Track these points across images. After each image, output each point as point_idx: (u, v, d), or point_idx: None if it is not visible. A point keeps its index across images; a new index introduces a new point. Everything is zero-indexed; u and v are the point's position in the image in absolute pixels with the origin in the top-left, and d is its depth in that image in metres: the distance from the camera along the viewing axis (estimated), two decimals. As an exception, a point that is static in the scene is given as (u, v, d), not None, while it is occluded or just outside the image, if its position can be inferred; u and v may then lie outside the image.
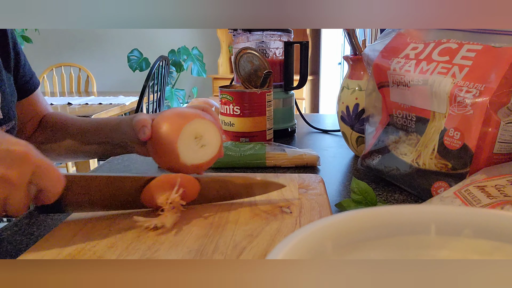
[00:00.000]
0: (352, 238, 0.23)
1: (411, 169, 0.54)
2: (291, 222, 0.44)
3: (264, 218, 0.45)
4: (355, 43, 0.73)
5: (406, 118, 0.56)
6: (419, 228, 0.24)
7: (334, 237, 0.23)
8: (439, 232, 0.24)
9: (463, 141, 0.46)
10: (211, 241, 0.40)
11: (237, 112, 0.76)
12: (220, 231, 0.42)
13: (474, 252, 0.24)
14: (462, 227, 0.24)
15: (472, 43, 0.48)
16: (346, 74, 0.76)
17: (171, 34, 3.75)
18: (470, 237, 0.24)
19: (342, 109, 0.74)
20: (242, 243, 0.39)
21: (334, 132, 0.99)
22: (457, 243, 0.24)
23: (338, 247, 0.23)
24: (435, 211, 0.25)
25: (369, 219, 0.24)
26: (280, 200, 0.50)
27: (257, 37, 0.91)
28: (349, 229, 0.23)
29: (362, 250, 0.24)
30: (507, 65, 0.43)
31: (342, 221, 0.23)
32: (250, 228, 0.43)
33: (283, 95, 0.93)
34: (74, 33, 3.80)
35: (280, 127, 0.92)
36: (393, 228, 0.24)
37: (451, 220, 0.24)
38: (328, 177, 0.65)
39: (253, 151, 0.70)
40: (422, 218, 0.24)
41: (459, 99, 0.46)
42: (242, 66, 0.84)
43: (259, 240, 0.40)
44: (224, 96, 0.77)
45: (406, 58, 0.55)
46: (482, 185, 0.41)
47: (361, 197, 0.49)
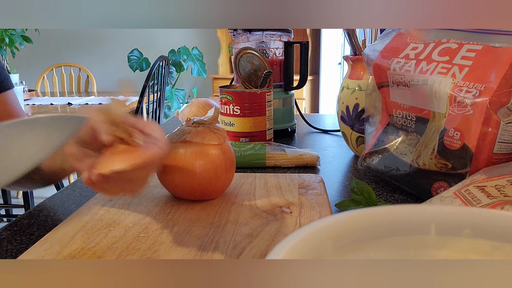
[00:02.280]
0: (352, 238, 0.23)
1: (411, 169, 0.54)
2: (291, 222, 0.44)
3: (264, 218, 0.45)
4: (355, 43, 0.73)
5: (406, 118, 0.56)
6: (419, 228, 0.24)
7: (334, 237, 0.23)
8: (439, 232, 0.24)
9: (463, 141, 0.46)
10: (211, 241, 0.40)
11: (237, 112, 0.76)
12: (220, 231, 0.42)
13: (474, 252, 0.24)
14: (462, 227, 0.24)
15: (472, 43, 0.48)
16: (346, 74, 0.76)
17: (171, 34, 3.75)
18: (470, 237, 0.24)
19: (342, 109, 0.74)
20: (242, 243, 0.39)
21: (334, 132, 0.99)
22: (457, 243, 0.24)
23: (338, 247, 0.23)
24: (435, 211, 0.25)
25: (369, 219, 0.24)
26: (280, 200, 0.50)
27: (257, 37, 0.91)
28: (349, 229, 0.23)
29: (362, 250, 0.24)
30: (507, 65, 0.43)
31: (342, 221, 0.23)
32: (250, 228, 0.43)
33: (283, 95, 0.93)
34: (74, 33, 3.80)
35: (280, 127, 0.92)
36: (393, 228, 0.24)
37: (451, 220, 0.24)
38: (328, 177, 0.65)
39: (253, 151, 0.70)
40: (422, 218, 0.24)
41: (459, 99, 0.46)
42: (242, 66, 0.84)
43: (259, 240, 0.40)
44: (224, 96, 0.77)
45: (406, 58, 0.55)
46: (482, 185, 0.41)
47: (361, 197, 0.49)
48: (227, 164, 0.50)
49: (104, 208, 0.48)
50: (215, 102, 1.00)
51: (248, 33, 0.90)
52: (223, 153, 0.50)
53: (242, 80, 0.85)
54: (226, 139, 0.51)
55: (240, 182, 0.57)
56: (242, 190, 0.54)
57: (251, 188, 0.55)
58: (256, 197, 0.51)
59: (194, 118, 0.52)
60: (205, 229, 0.43)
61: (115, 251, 0.38)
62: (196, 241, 0.40)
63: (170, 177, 0.49)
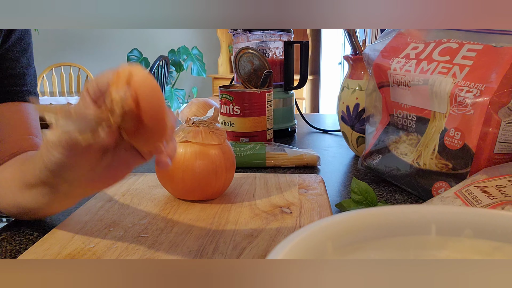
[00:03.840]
0: (352, 238, 0.23)
1: (411, 169, 0.54)
2: (291, 222, 0.44)
3: (264, 218, 0.45)
4: (355, 43, 0.73)
5: (407, 118, 0.55)
6: (419, 228, 0.24)
7: (334, 237, 0.23)
8: (439, 232, 0.24)
9: (464, 141, 0.46)
10: (211, 241, 0.40)
11: (237, 112, 0.76)
12: (220, 231, 0.42)
13: (474, 252, 0.24)
14: (463, 227, 0.24)
15: (472, 43, 0.48)
16: (346, 74, 0.76)
17: (171, 34, 3.75)
18: (471, 237, 0.24)
19: (342, 109, 0.74)
20: (242, 243, 0.39)
21: (334, 132, 0.99)
22: (457, 243, 0.24)
23: (338, 247, 0.23)
24: (436, 211, 0.25)
25: (369, 219, 0.24)
26: (280, 200, 0.50)
27: (257, 37, 0.91)
28: (349, 229, 0.23)
29: (362, 250, 0.24)
30: (508, 65, 0.43)
31: (342, 221, 0.23)
32: (250, 228, 0.43)
33: (283, 95, 0.93)
34: (74, 33, 3.80)
35: (280, 127, 0.92)
36: (393, 228, 0.24)
37: (451, 220, 0.24)
38: (328, 177, 0.65)
39: (253, 151, 0.70)
40: (423, 218, 0.24)
41: (459, 99, 0.46)
42: (242, 66, 0.84)
43: (259, 240, 0.40)
44: (224, 96, 0.77)
45: (407, 58, 0.55)
46: (483, 185, 0.41)
47: (361, 197, 0.49)
48: (227, 164, 0.50)
49: (104, 208, 0.48)
50: (215, 102, 1.00)
51: (248, 33, 0.90)
52: (223, 153, 0.50)
53: (242, 80, 0.85)
54: (226, 139, 0.51)
55: (240, 182, 0.57)
56: (242, 190, 0.54)
57: (251, 188, 0.55)
58: (256, 197, 0.51)
59: (194, 118, 0.52)
60: (205, 229, 0.43)
61: (115, 251, 0.38)
62: (196, 241, 0.40)
63: (170, 177, 0.49)
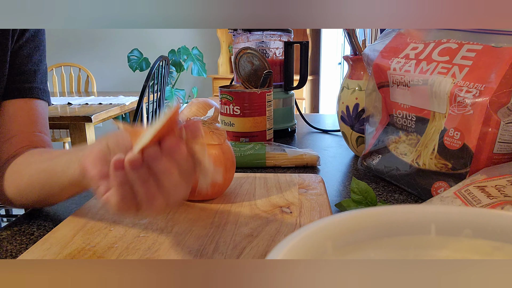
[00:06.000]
0: (352, 238, 0.23)
1: (411, 169, 0.54)
2: (291, 222, 0.44)
3: (264, 218, 0.45)
4: (355, 43, 0.73)
5: (406, 118, 0.56)
6: (419, 228, 0.24)
7: (334, 237, 0.23)
8: (439, 232, 0.24)
9: (463, 141, 0.46)
10: (211, 241, 0.40)
11: (237, 112, 0.76)
12: (220, 231, 0.42)
13: (474, 252, 0.24)
14: (462, 227, 0.24)
15: (472, 43, 0.48)
16: (346, 74, 0.76)
17: (171, 34, 3.75)
18: (470, 237, 0.24)
19: (342, 109, 0.74)
20: (242, 243, 0.39)
21: (334, 132, 0.99)
22: (457, 243, 0.24)
23: (338, 247, 0.23)
24: (435, 211, 0.25)
25: (369, 219, 0.24)
26: (280, 200, 0.50)
27: (257, 37, 0.91)
28: (349, 229, 0.23)
29: (362, 250, 0.24)
30: (507, 65, 0.43)
31: (342, 221, 0.23)
32: (250, 228, 0.43)
33: (283, 95, 0.93)
34: (74, 33, 3.79)
35: (280, 127, 0.92)
36: (393, 228, 0.24)
37: (451, 220, 0.24)
38: (328, 177, 0.65)
39: (253, 151, 0.70)
40: (422, 218, 0.24)
41: (459, 99, 0.46)
42: (242, 66, 0.84)
43: (259, 240, 0.40)
44: (224, 96, 0.77)
45: (406, 58, 0.55)
46: (482, 185, 0.41)
47: (361, 197, 0.49)
48: (227, 164, 0.50)
49: (105, 208, 0.48)
50: (215, 102, 1.00)
51: (248, 33, 0.90)
52: (223, 153, 0.50)
53: (242, 80, 0.85)
54: (226, 139, 0.51)
55: (240, 182, 0.57)
56: (242, 190, 0.54)
57: (251, 188, 0.55)
58: (256, 197, 0.51)
59: (194, 118, 0.52)
60: (205, 229, 0.43)
61: (115, 251, 0.38)
62: (196, 241, 0.40)
63: None
